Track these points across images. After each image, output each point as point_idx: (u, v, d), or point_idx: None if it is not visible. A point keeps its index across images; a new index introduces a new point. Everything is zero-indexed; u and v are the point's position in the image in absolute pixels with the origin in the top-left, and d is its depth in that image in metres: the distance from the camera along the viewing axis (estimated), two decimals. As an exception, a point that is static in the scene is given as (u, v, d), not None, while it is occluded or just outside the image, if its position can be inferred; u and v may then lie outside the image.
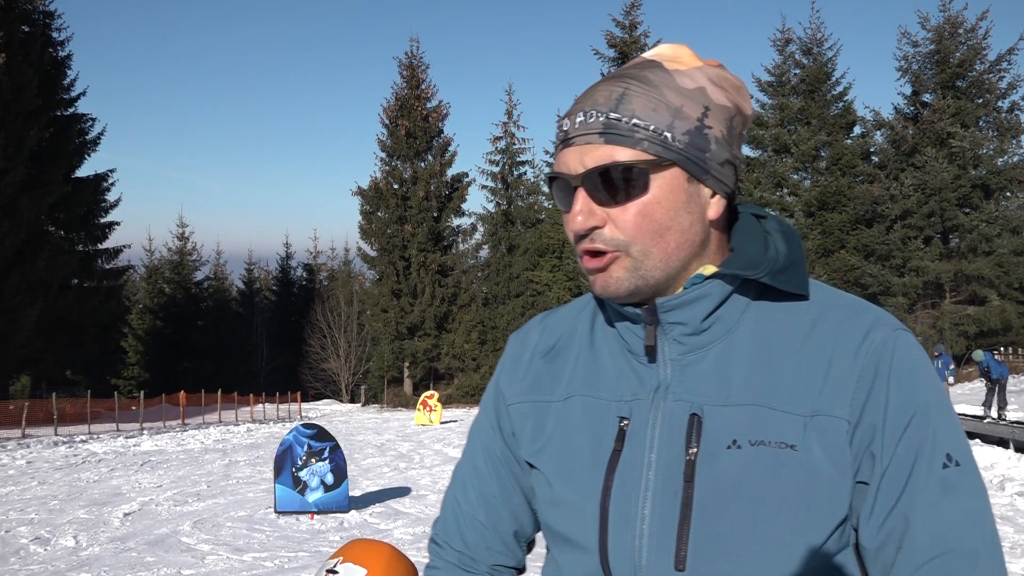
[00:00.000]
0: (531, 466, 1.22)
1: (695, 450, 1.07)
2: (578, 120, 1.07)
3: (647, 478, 1.08)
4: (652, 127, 1.04)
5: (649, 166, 1.05)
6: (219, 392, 40.36)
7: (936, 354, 25.02)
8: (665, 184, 1.06)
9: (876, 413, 1.05)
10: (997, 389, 21.55)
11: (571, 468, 1.15)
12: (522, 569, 1.33)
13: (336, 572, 0.95)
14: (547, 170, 48.45)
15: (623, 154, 1.04)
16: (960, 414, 22.66)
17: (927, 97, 44.85)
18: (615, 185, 1.05)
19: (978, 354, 22.44)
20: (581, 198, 1.07)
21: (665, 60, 1.10)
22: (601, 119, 1.05)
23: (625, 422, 1.12)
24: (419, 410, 30.66)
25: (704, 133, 1.07)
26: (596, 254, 1.08)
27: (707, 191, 1.09)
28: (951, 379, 24.92)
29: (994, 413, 21.45)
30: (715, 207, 1.10)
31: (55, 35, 41.61)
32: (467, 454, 1.33)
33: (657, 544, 1.07)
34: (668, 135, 1.05)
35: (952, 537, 1.02)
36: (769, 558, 1.04)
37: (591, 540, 1.11)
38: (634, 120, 1.04)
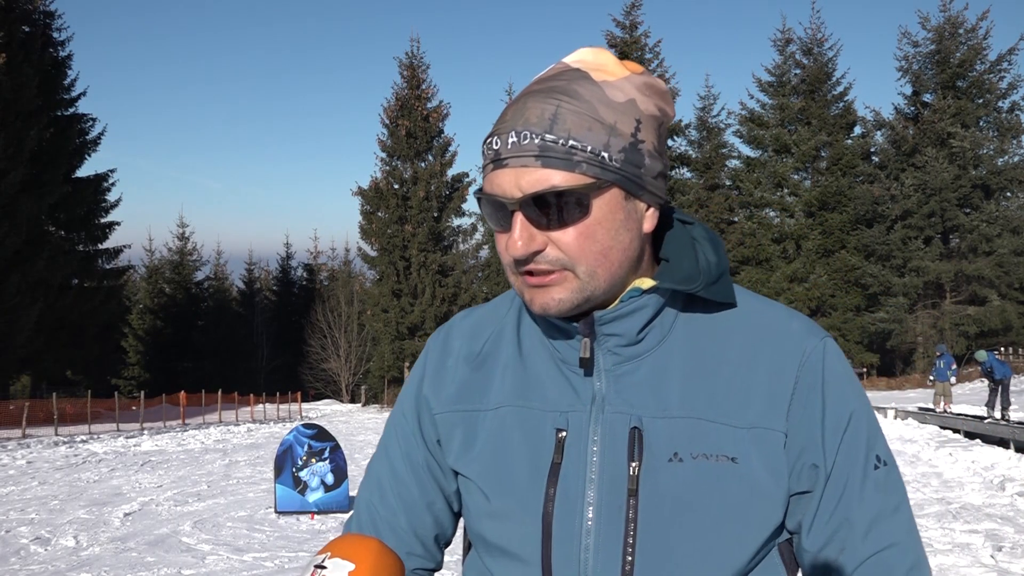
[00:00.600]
0: (459, 475, 1.21)
1: (636, 464, 1.07)
2: (511, 141, 1.03)
3: (589, 491, 1.08)
4: (589, 148, 1.02)
5: (589, 189, 1.02)
6: (219, 392, 40.37)
7: (938, 354, 24.92)
8: (605, 205, 1.04)
9: (813, 425, 1.09)
10: (1000, 389, 21.42)
11: (509, 480, 1.13)
12: (439, 568, 1.32)
13: (324, 567, 0.94)
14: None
15: (561, 178, 1.01)
16: (960, 414, 22.57)
17: (927, 97, 44.91)
18: (555, 208, 1.02)
19: (981, 354, 22.36)
20: (520, 223, 1.04)
21: (591, 70, 1.07)
22: (536, 141, 1.02)
23: (562, 433, 1.11)
24: (419, 410, 30.63)
25: (639, 148, 1.05)
26: (539, 273, 1.06)
27: (643, 205, 1.08)
28: (953, 379, 24.83)
29: (997, 413, 21.34)
30: (650, 220, 1.10)
31: (55, 35, 41.63)
32: (383, 457, 1.29)
33: (603, 558, 1.07)
34: (605, 155, 1.02)
35: (888, 533, 1.09)
36: (712, 567, 1.07)
37: (533, 553, 1.10)
38: (571, 142, 1.01)
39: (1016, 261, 40.97)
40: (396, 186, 51.54)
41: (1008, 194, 43.37)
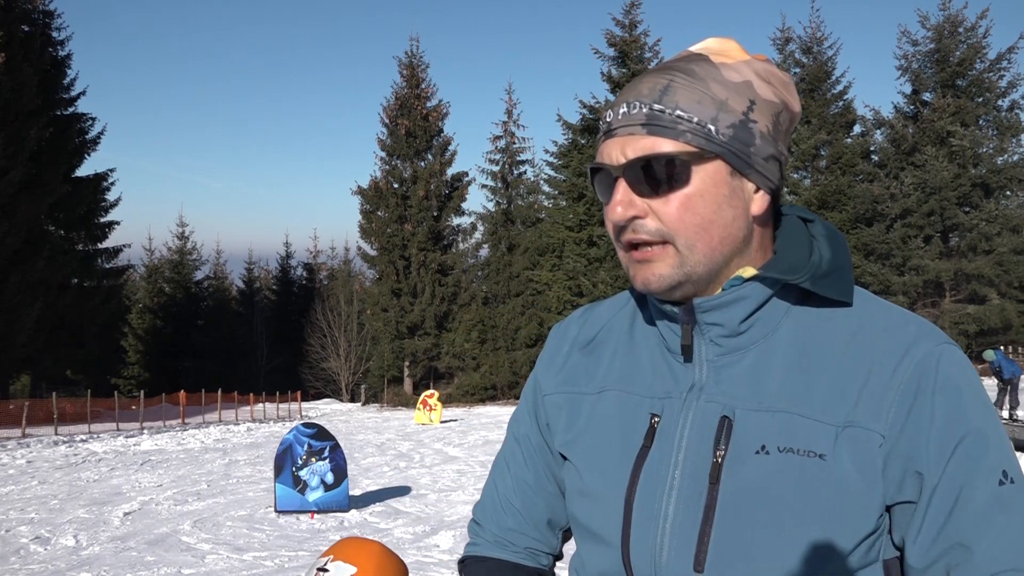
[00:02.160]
0: (564, 457, 1.23)
1: (723, 452, 1.06)
2: (621, 111, 1.07)
3: (673, 477, 1.08)
4: (696, 119, 1.03)
5: (691, 158, 1.04)
6: (219, 391, 40.35)
7: None
8: (708, 177, 1.05)
9: (920, 431, 1.02)
10: (1009, 389, 21.08)
11: (600, 461, 1.15)
12: (559, 556, 1.34)
13: (327, 571, 0.95)
14: (547, 169, 48.65)
15: (666, 145, 1.03)
16: None
17: (927, 96, 44.87)
18: (657, 176, 1.04)
19: (989, 354, 22.00)
20: (622, 189, 1.06)
21: (712, 53, 1.09)
22: (645, 110, 1.04)
23: (656, 419, 1.12)
24: (419, 409, 30.64)
25: (749, 127, 1.06)
26: (639, 246, 1.07)
27: (751, 186, 1.08)
28: None
29: (1005, 413, 21.02)
30: (759, 202, 1.09)
31: (55, 34, 41.59)
32: (506, 442, 1.35)
33: (678, 544, 1.06)
34: (712, 128, 1.04)
35: (1012, 555, 0.99)
36: (790, 567, 1.02)
37: (614, 534, 1.11)
38: (678, 111, 1.03)
39: (1016, 260, 40.95)
40: (396, 185, 51.53)
41: (1008, 193, 43.33)
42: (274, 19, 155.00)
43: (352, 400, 59.28)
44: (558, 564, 1.37)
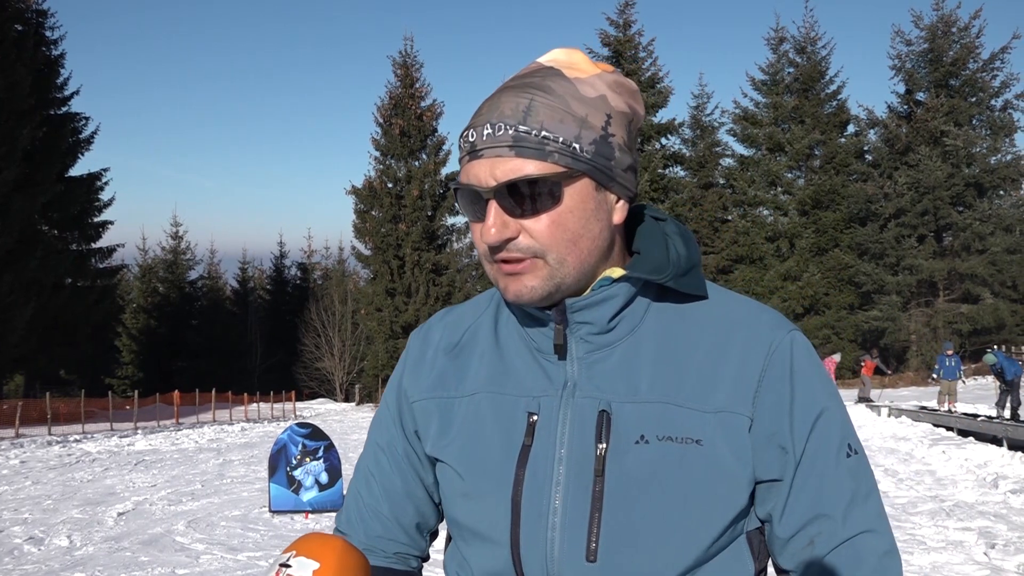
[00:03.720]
0: (437, 461, 1.25)
1: (604, 445, 1.10)
2: (486, 132, 1.08)
3: (558, 472, 1.12)
4: (561, 139, 1.06)
5: (560, 178, 1.07)
6: (213, 391, 40.27)
7: (948, 352, 24.39)
8: (576, 194, 1.08)
9: (782, 413, 1.12)
10: (1010, 389, 20.83)
11: (481, 462, 1.18)
12: (426, 558, 1.36)
13: (289, 566, 0.95)
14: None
15: (534, 167, 1.06)
16: (966, 414, 22.17)
17: (920, 96, 45.00)
18: (528, 197, 1.07)
19: (989, 357, 21.84)
20: (494, 211, 1.08)
21: (563, 67, 1.12)
22: (510, 132, 1.06)
23: (534, 417, 1.15)
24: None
25: (609, 141, 1.10)
26: (512, 260, 1.10)
27: (613, 197, 1.13)
28: (963, 380, 24.49)
29: (1007, 413, 20.76)
30: (620, 212, 1.14)
31: (48, 34, 41.48)
32: (369, 450, 1.35)
33: (569, 537, 1.10)
34: (576, 146, 1.07)
35: (861, 519, 1.12)
36: (675, 547, 1.09)
37: (502, 533, 1.14)
38: (544, 132, 1.06)
39: (1009, 259, 41.09)
40: (390, 185, 51.50)
41: (1001, 192, 43.48)
42: (268, 19, 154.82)
43: (346, 400, 59.20)
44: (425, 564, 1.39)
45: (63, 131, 41.24)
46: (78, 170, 44.07)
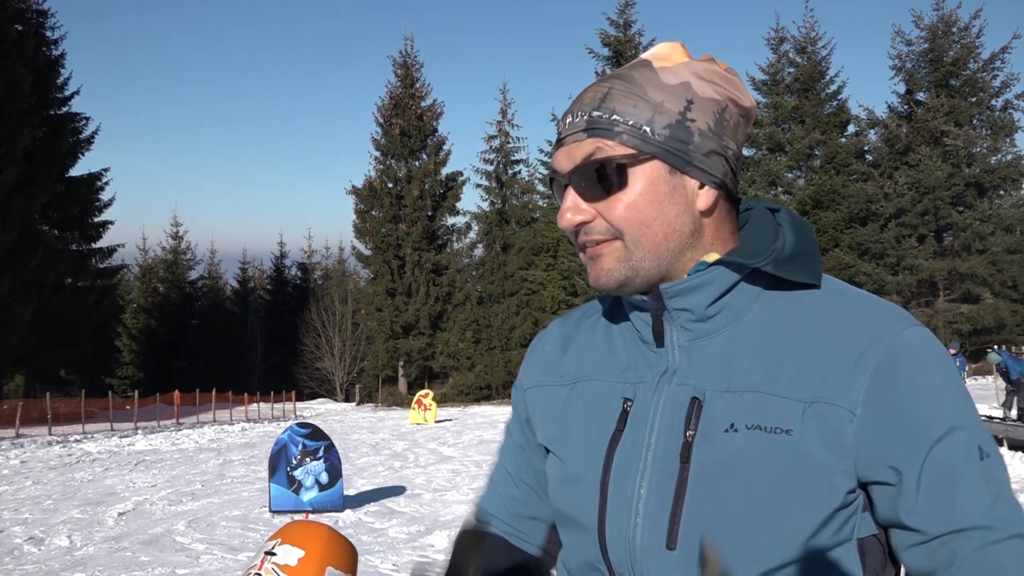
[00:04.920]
0: (546, 450, 1.27)
1: (692, 432, 1.09)
2: (568, 121, 1.12)
3: (645, 458, 1.11)
4: (631, 122, 1.08)
5: (628, 160, 1.08)
6: (213, 391, 40.28)
7: (952, 352, 24.17)
8: (646, 177, 1.09)
9: (895, 411, 1.04)
10: (1018, 389, 20.31)
11: (578, 448, 1.19)
12: (542, 553, 1.34)
13: (274, 553, 0.95)
14: (542, 168, 48.60)
15: (604, 148, 1.09)
16: None
17: (921, 96, 44.94)
18: (598, 180, 1.09)
19: (994, 356, 21.38)
20: (570, 195, 1.12)
21: (655, 59, 1.14)
22: (585, 118, 1.10)
23: (629, 403, 1.15)
24: (414, 409, 30.61)
25: (686, 126, 1.09)
26: (589, 244, 1.13)
27: (693, 183, 1.12)
28: (967, 380, 24.37)
29: (1013, 413, 20.22)
30: (704, 198, 1.12)
31: (48, 34, 41.49)
32: (503, 446, 1.39)
33: (651, 523, 1.08)
34: (647, 128, 1.08)
35: (1005, 520, 1.02)
36: (759, 540, 1.05)
37: (591, 518, 1.14)
38: (614, 116, 1.09)
39: (1009, 259, 41.04)
40: (390, 185, 51.50)
41: (1001, 192, 43.43)
42: (268, 19, 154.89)
43: (347, 400, 59.20)
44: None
45: (63, 131, 41.24)
46: (78, 170, 44.17)
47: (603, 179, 1.09)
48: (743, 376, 1.10)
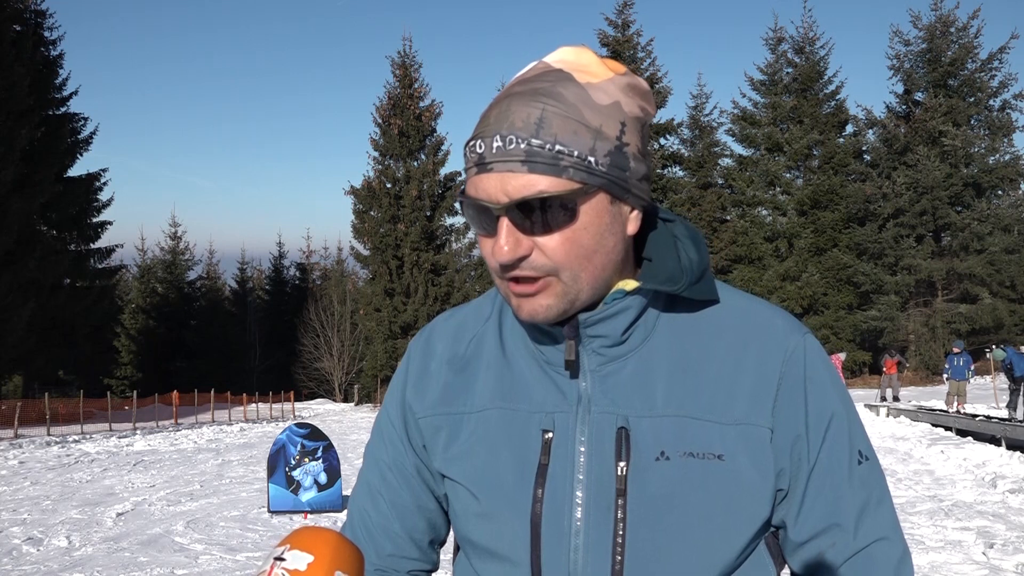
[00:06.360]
0: (446, 477, 1.21)
1: (624, 464, 1.08)
2: (495, 145, 1.02)
3: (578, 492, 1.09)
4: (576, 153, 1.01)
5: (576, 195, 1.02)
6: (212, 392, 40.27)
7: (956, 350, 23.94)
8: (591, 209, 1.04)
9: (798, 421, 1.11)
10: (1021, 388, 20.20)
11: (495, 481, 1.14)
12: (436, 568, 1.33)
13: (283, 559, 0.95)
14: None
15: (548, 184, 1.01)
16: (971, 414, 21.79)
17: (919, 96, 45.00)
18: (541, 214, 1.02)
19: (998, 353, 21.31)
20: (506, 228, 1.03)
21: (574, 71, 1.06)
22: (522, 146, 1.01)
23: (549, 434, 1.12)
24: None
25: (624, 152, 1.05)
26: (524, 280, 1.06)
27: (627, 208, 1.08)
28: (972, 379, 24.14)
29: (1019, 414, 20.00)
30: (634, 222, 1.10)
31: (47, 34, 41.54)
32: (373, 464, 1.29)
33: (593, 557, 1.08)
34: (591, 160, 1.02)
35: (875, 527, 1.12)
36: (700, 563, 1.08)
37: (522, 554, 1.11)
38: (557, 147, 1.01)
39: (1007, 259, 41.09)
40: (389, 185, 51.48)
41: (999, 192, 43.50)
42: (266, 19, 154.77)
43: (345, 400, 59.18)
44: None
45: (62, 131, 41.24)
46: (77, 170, 44.19)
47: (548, 214, 1.02)
48: (664, 401, 1.10)
